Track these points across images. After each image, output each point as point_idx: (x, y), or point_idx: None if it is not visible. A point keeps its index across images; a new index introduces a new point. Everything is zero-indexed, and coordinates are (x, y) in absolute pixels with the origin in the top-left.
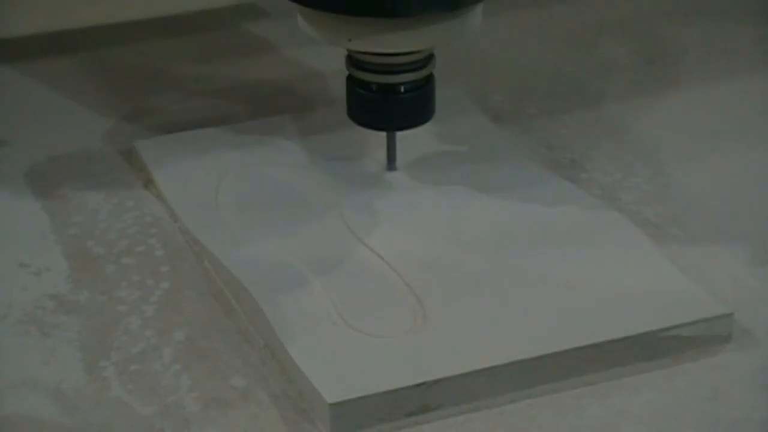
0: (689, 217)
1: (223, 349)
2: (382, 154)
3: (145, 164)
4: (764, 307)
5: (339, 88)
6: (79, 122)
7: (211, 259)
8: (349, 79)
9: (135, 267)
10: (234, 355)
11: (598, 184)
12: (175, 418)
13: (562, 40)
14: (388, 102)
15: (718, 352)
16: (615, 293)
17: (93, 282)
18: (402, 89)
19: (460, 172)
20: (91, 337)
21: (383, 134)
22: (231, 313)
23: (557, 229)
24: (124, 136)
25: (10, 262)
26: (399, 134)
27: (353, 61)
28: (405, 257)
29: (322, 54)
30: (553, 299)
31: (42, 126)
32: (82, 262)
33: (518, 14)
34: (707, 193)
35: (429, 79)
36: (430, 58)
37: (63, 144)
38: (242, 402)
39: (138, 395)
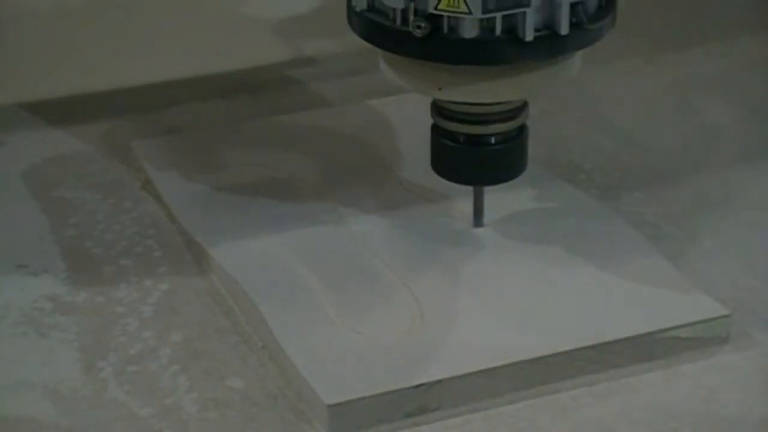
0: (687, 217)
1: (221, 350)
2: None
3: (143, 165)
4: (762, 307)
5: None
6: (76, 123)
7: (209, 261)
8: (434, 128)
9: (133, 268)
10: (232, 356)
11: (596, 185)
12: (173, 419)
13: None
14: (478, 154)
15: (717, 352)
16: (613, 294)
17: (91, 283)
18: (493, 141)
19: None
20: (89, 338)
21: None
22: (229, 314)
23: (555, 230)
24: (122, 136)
25: (8, 263)
26: (486, 188)
27: (439, 109)
28: (403, 258)
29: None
30: (552, 300)
31: (40, 126)
32: (80, 263)
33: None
34: (706, 194)
35: (522, 130)
36: (523, 106)
37: (61, 145)
38: (240, 403)
39: (136, 396)
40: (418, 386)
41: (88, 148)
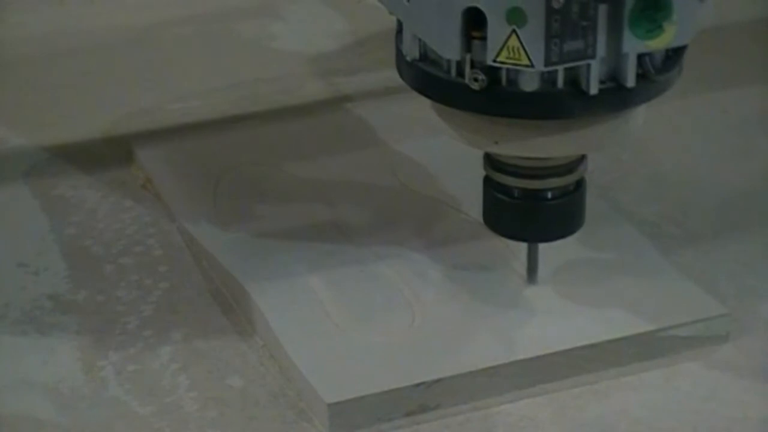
0: (688, 216)
1: (221, 348)
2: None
3: (143, 164)
4: (762, 306)
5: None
6: (77, 122)
7: (209, 259)
8: (487, 181)
9: (133, 267)
10: (232, 354)
11: (596, 184)
12: (174, 418)
13: None
14: (533, 210)
15: (717, 351)
16: (613, 293)
17: (91, 282)
18: (549, 195)
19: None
20: (90, 336)
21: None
22: (229, 312)
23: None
24: (123, 135)
25: (8, 261)
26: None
27: (492, 161)
28: (403, 257)
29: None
30: (551, 299)
31: (40, 125)
32: (80, 261)
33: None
34: (706, 192)
35: (580, 184)
36: (581, 159)
37: (61, 143)
38: (240, 402)
39: (136, 395)
40: (418, 385)
41: (88, 146)
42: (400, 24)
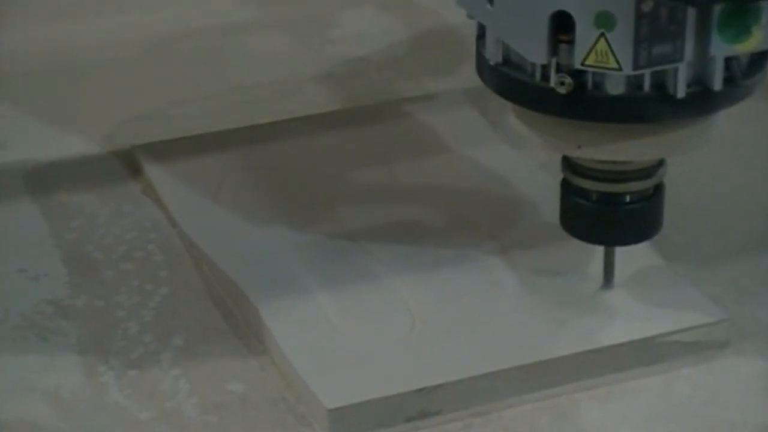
0: (688, 221)
1: (221, 353)
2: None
3: (144, 168)
4: (762, 311)
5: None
6: (78, 126)
7: (209, 264)
8: (564, 184)
9: (133, 272)
10: (232, 359)
11: None
12: (174, 423)
13: None
14: (611, 213)
15: (717, 356)
16: (614, 298)
17: (91, 287)
18: (627, 199)
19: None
20: (90, 342)
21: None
22: (229, 317)
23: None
24: (123, 140)
25: (8, 266)
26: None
27: (570, 164)
28: (404, 262)
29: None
30: (550, 304)
31: (41, 130)
32: (80, 266)
33: None
34: (706, 197)
35: (659, 188)
36: (661, 163)
37: (62, 148)
38: (241, 407)
39: (136, 400)
40: (419, 390)
41: (88, 151)
42: (481, 28)
